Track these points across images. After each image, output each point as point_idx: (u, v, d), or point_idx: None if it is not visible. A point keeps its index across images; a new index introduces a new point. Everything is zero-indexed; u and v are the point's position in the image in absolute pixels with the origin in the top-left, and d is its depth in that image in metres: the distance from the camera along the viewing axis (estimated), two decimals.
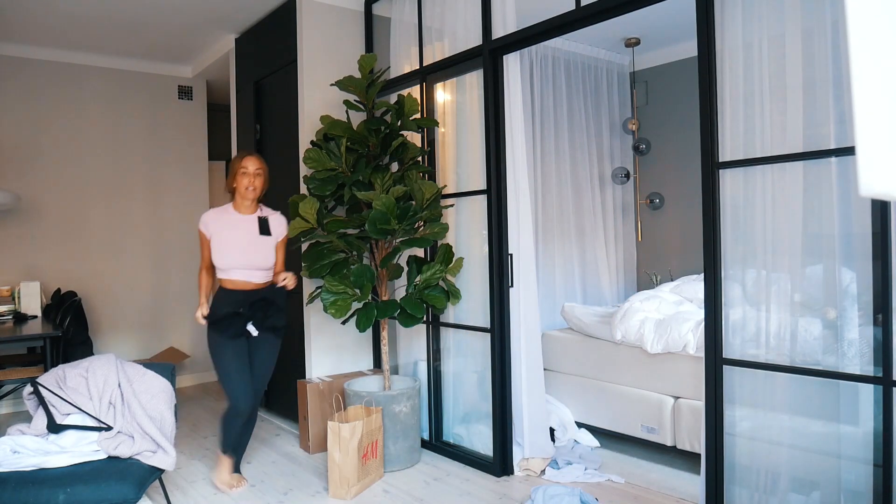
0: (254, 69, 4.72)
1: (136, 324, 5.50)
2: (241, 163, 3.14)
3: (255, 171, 3.14)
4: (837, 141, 2.20)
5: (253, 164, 3.15)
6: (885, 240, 2.06)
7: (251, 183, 3.13)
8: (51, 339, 3.69)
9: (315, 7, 4.10)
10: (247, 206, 3.20)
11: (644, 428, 3.51)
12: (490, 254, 3.40)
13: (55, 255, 5.12)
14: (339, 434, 3.13)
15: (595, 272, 4.97)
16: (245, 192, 3.14)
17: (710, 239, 2.50)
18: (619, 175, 5.05)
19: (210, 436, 4.23)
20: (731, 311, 2.50)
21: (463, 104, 3.71)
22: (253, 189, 3.14)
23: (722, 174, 2.48)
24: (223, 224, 3.15)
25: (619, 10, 2.80)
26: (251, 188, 3.13)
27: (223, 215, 3.18)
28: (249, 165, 3.14)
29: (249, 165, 3.14)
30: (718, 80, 2.48)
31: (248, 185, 3.13)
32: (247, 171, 3.13)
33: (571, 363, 3.96)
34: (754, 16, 2.39)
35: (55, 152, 5.14)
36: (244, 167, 3.13)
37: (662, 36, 4.75)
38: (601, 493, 3.07)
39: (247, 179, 3.13)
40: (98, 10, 4.26)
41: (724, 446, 2.51)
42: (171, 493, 3.14)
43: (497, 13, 3.35)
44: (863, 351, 2.18)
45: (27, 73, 5.00)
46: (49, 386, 2.72)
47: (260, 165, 3.17)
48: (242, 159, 3.16)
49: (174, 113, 5.71)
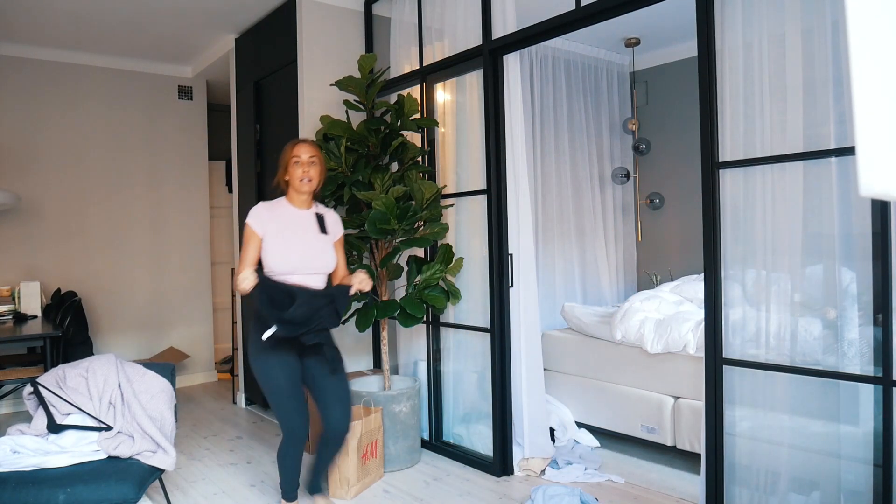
0: (254, 69, 4.72)
1: (136, 324, 5.50)
2: (292, 151, 2.73)
3: (309, 160, 2.71)
4: (837, 141, 2.20)
5: (307, 151, 2.73)
6: (885, 240, 2.06)
7: (306, 173, 2.70)
8: (51, 339, 3.69)
9: (315, 7, 4.10)
10: (302, 201, 2.77)
11: (644, 428, 3.51)
12: (490, 254, 3.40)
13: (55, 255, 5.12)
14: None
15: (595, 272, 4.97)
16: (300, 184, 2.70)
17: (710, 239, 2.50)
18: (619, 175, 5.05)
19: (210, 435, 4.23)
20: (731, 311, 2.50)
21: (463, 104, 3.71)
22: (308, 180, 2.70)
23: (722, 174, 2.48)
24: (280, 220, 2.70)
25: (619, 10, 2.80)
26: (306, 179, 2.70)
27: (278, 209, 2.75)
28: (303, 153, 2.72)
29: (303, 153, 2.72)
30: (718, 80, 2.48)
31: (303, 175, 2.69)
32: (300, 160, 2.70)
33: (571, 363, 3.96)
34: (754, 16, 2.39)
35: (55, 152, 5.14)
36: (297, 156, 2.71)
37: (662, 36, 4.75)
38: (601, 493, 3.07)
39: (301, 169, 2.69)
40: (98, 10, 4.26)
41: (724, 446, 2.51)
42: (171, 493, 3.14)
43: (497, 13, 3.35)
44: (863, 351, 2.18)
45: (27, 73, 5.00)
46: (49, 386, 2.72)
47: (314, 153, 2.74)
48: (294, 147, 2.74)
49: (174, 113, 5.71)
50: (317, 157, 2.75)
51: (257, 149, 4.72)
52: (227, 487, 3.32)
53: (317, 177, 2.74)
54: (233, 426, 4.47)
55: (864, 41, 0.51)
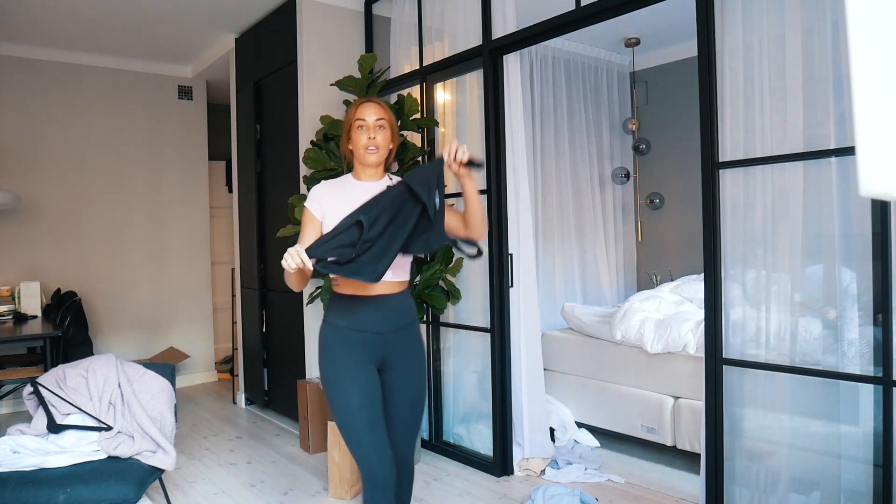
0: (254, 69, 4.72)
1: (136, 324, 5.50)
2: (355, 112, 2.16)
3: (376, 123, 2.13)
4: (837, 141, 2.20)
5: (373, 112, 2.15)
6: (885, 240, 2.06)
7: (372, 140, 2.13)
8: (51, 339, 3.69)
9: (315, 7, 4.10)
10: (370, 174, 2.18)
11: (644, 428, 3.51)
12: (490, 254, 3.40)
13: (55, 255, 5.12)
14: (339, 434, 3.12)
15: (595, 272, 4.97)
16: (365, 154, 2.13)
17: (710, 239, 2.50)
18: (619, 175, 5.05)
19: (210, 435, 4.23)
20: (731, 311, 2.50)
21: (463, 104, 3.71)
22: (375, 148, 2.13)
23: (722, 174, 2.48)
24: (343, 198, 2.10)
25: (619, 10, 2.80)
26: (372, 148, 2.13)
27: (342, 186, 2.19)
28: (368, 114, 2.15)
29: (368, 114, 2.15)
30: (718, 80, 2.48)
31: (369, 143, 2.13)
32: (365, 123, 2.14)
33: (571, 363, 3.96)
34: (754, 16, 2.39)
35: (55, 152, 5.14)
36: (361, 118, 2.14)
37: (662, 36, 4.75)
38: (601, 493, 3.07)
39: (366, 136, 2.12)
40: (98, 10, 4.26)
41: (724, 446, 2.51)
42: (171, 493, 3.14)
43: (497, 13, 3.35)
44: (863, 351, 2.18)
45: (27, 73, 5.00)
46: (49, 386, 2.72)
47: (383, 114, 2.16)
48: (358, 108, 2.17)
49: (174, 113, 5.71)
50: (386, 119, 2.16)
51: (257, 149, 4.72)
52: (227, 487, 3.32)
53: (385, 144, 2.16)
54: (233, 426, 4.47)
55: (864, 41, 0.51)
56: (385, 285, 2.06)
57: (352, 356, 2.04)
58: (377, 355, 2.07)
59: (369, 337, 2.05)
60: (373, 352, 2.06)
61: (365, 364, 2.05)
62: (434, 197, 1.91)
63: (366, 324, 2.05)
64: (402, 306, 2.13)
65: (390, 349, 2.09)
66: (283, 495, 3.20)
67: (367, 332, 2.05)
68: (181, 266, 5.74)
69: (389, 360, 2.10)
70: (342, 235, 1.83)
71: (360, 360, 2.05)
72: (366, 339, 2.05)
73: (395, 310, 2.10)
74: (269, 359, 4.69)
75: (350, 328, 2.05)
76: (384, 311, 2.08)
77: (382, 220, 1.87)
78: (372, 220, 1.85)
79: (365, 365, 2.05)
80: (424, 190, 1.89)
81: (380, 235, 1.86)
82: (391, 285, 2.09)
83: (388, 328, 2.07)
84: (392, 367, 2.11)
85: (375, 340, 2.06)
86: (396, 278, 2.10)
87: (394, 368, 2.11)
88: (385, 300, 2.08)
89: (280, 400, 4.57)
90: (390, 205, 1.90)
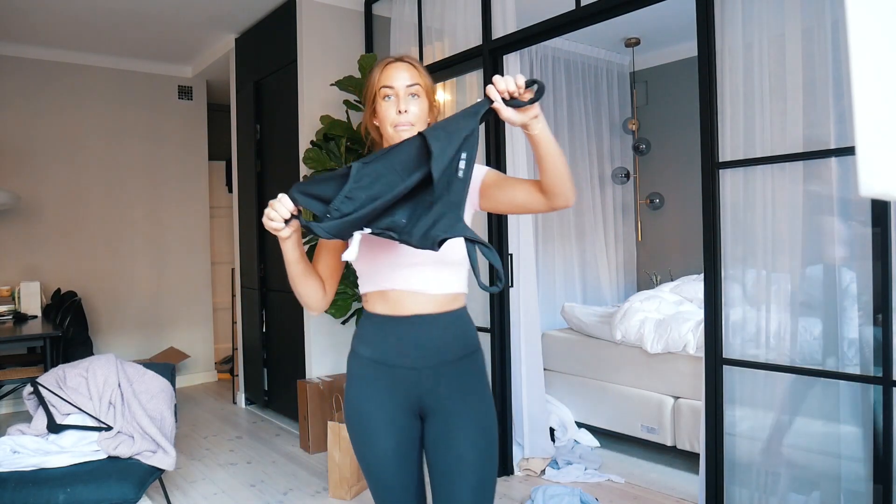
0: (254, 69, 4.72)
1: (136, 324, 5.50)
2: (379, 76, 1.55)
3: (408, 90, 1.53)
4: (837, 141, 2.20)
5: (403, 74, 1.53)
6: (885, 240, 2.06)
7: (404, 113, 1.51)
8: (51, 339, 3.69)
9: (315, 7, 4.10)
10: None
11: (644, 428, 3.51)
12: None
13: (55, 255, 5.12)
14: (339, 434, 3.13)
15: (595, 272, 4.97)
16: (393, 132, 1.52)
17: (710, 239, 2.50)
18: (619, 175, 5.05)
19: (210, 435, 4.23)
20: (731, 311, 2.50)
21: (463, 104, 3.71)
22: (408, 125, 1.51)
23: (722, 174, 2.48)
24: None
25: (619, 10, 2.80)
26: (405, 124, 1.51)
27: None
28: (396, 77, 1.53)
29: (396, 77, 1.53)
30: (718, 80, 2.47)
31: (399, 117, 1.51)
32: (393, 91, 1.52)
33: (571, 363, 3.96)
34: (754, 16, 2.39)
35: (55, 152, 5.14)
36: (386, 84, 1.53)
37: (662, 36, 4.75)
38: (601, 493, 3.07)
39: (394, 109, 1.52)
40: (98, 10, 4.25)
41: (724, 446, 2.51)
42: (171, 493, 3.14)
43: (497, 13, 3.35)
44: (863, 351, 2.18)
45: (27, 73, 5.00)
46: (49, 386, 2.72)
47: (417, 77, 1.54)
48: (383, 70, 1.55)
49: (174, 113, 5.71)
50: (421, 84, 1.54)
51: (257, 149, 4.72)
52: (227, 487, 3.32)
53: (422, 118, 1.54)
54: (233, 426, 4.47)
55: (864, 41, 0.51)
56: (425, 301, 1.47)
57: (376, 400, 1.48)
58: (414, 399, 1.48)
59: (402, 373, 1.47)
60: (407, 395, 1.48)
61: (395, 413, 1.48)
62: (453, 157, 1.23)
63: (397, 355, 1.47)
64: (451, 332, 1.50)
65: (434, 393, 1.47)
66: (283, 495, 3.20)
67: (399, 368, 1.47)
68: (181, 266, 5.74)
69: (434, 407, 1.48)
70: (328, 183, 1.26)
71: (388, 407, 1.48)
72: (397, 377, 1.47)
73: (440, 337, 1.48)
74: (269, 359, 4.69)
75: (377, 361, 1.49)
76: (424, 339, 1.47)
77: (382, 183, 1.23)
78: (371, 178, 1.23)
79: (394, 414, 1.48)
80: (442, 145, 1.22)
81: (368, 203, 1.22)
82: (434, 300, 1.48)
83: (429, 362, 1.47)
84: (438, 418, 1.48)
85: (411, 378, 1.47)
86: (441, 290, 1.49)
87: (441, 420, 1.48)
88: (426, 323, 1.47)
89: (280, 400, 4.57)
90: (403, 162, 1.25)
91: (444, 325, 1.50)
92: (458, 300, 1.55)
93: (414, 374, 1.47)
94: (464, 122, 1.29)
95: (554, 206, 1.44)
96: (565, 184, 1.41)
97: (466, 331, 1.55)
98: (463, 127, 1.28)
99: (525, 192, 1.46)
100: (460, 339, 1.52)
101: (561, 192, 1.41)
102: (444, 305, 1.50)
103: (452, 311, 1.52)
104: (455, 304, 1.54)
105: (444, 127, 1.28)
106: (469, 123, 1.29)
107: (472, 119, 1.29)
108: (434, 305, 1.49)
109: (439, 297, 1.49)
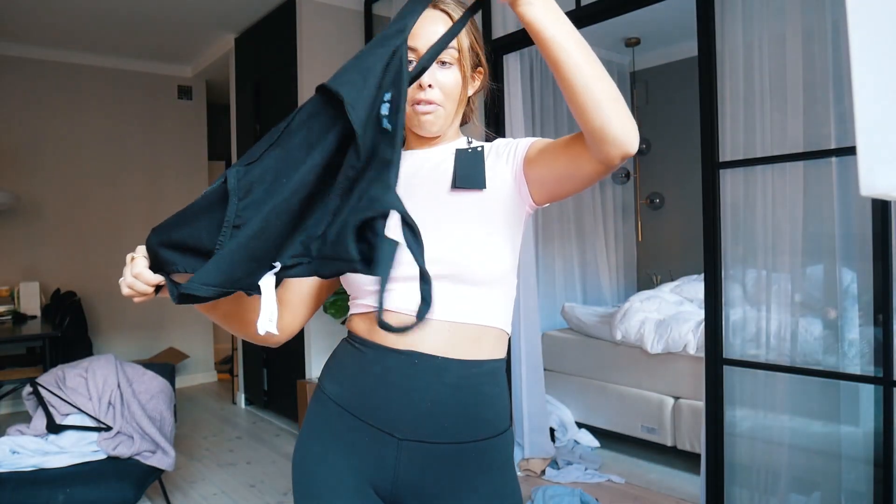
0: (253, 69, 4.72)
1: (136, 324, 5.50)
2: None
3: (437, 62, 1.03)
4: (837, 141, 2.20)
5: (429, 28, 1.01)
6: (885, 240, 2.06)
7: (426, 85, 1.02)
8: (50, 340, 3.69)
9: (315, 7, 4.09)
10: (422, 141, 1.11)
11: (644, 428, 3.51)
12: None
13: (55, 255, 5.12)
14: None
15: (595, 272, 4.97)
16: (414, 113, 1.04)
17: (710, 239, 2.50)
18: (619, 175, 5.05)
19: (210, 435, 4.23)
20: (732, 311, 2.50)
21: None
22: (431, 106, 1.04)
23: (722, 174, 2.48)
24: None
25: (619, 10, 2.80)
26: (426, 105, 1.03)
27: None
28: (421, 34, 1.01)
29: (421, 34, 1.01)
30: (718, 80, 2.47)
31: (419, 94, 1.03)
32: (415, 53, 1.01)
33: (571, 363, 3.96)
34: (754, 16, 2.39)
35: (55, 152, 5.14)
36: (410, 42, 0.96)
37: (662, 36, 4.75)
38: (601, 493, 3.07)
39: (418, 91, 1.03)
40: (97, 9, 4.25)
41: (724, 446, 2.51)
42: (170, 494, 3.13)
43: (497, 13, 3.35)
44: (863, 351, 2.18)
45: (27, 73, 5.00)
46: (48, 386, 2.72)
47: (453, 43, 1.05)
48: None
49: (174, 113, 5.71)
50: (455, 47, 1.06)
51: None
52: (227, 487, 3.32)
53: (452, 95, 1.07)
54: (233, 426, 4.47)
55: (864, 40, 0.51)
56: (434, 333, 0.95)
57: (328, 462, 1.00)
58: (385, 482, 0.98)
59: (372, 437, 0.97)
60: (376, 469, 0.98)
61: (353, 489, 0.98)
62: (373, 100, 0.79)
63: (370, 405, 0.98)
64: (469, 395, 0.97)
65: (416, 487, 0.97)
66: (283, 495, 3.20)
67: (369, 427, 0.97)
68: None
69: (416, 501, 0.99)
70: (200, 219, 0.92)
71: (344, 478, 0.98)
72: (364, 439, 0.98)
73: (447, 398, 0.96)
74: (269, 359, 4.69)
75: (342, 406, 1.00)
76: (418, 391, 0.95)
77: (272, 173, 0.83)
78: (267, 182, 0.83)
79: (352, 492, 0.98)
80: (355, 88, 0.78)
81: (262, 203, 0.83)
82: (448, 334, 0.96)
83: (417, 433, 0.96)
84: None
85: (384, 450, 0.97)
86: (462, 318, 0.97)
87: None
88: (428, 367, 0.95)
89: (280, 400, 4.56)
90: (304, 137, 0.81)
91: (457, 380, 0.95)
92: (490, 343, 0.98)
93: (389, 443, 0.96)
94: (379, 47, 0.81)
95: (606, 158, 0.86)
96: (604, 110, 0.84)
97: (496, 399, 1.00)
98: (378, 54, 0.80)
99: (567, 150, 0.93)
100: (481, 410, 0.98)
101: (601, 127, 0.83)
102: (465, 346, 0.96)
103: (479, 361, 0.97)
104: (484, 350, 0.98)
105: (353, 66, 0.81)
106: (386, 46, 0.80)
107: (392, 39, 0.81)
108: (447, 343, 0.95)
109: (459, 332, 0.96)
